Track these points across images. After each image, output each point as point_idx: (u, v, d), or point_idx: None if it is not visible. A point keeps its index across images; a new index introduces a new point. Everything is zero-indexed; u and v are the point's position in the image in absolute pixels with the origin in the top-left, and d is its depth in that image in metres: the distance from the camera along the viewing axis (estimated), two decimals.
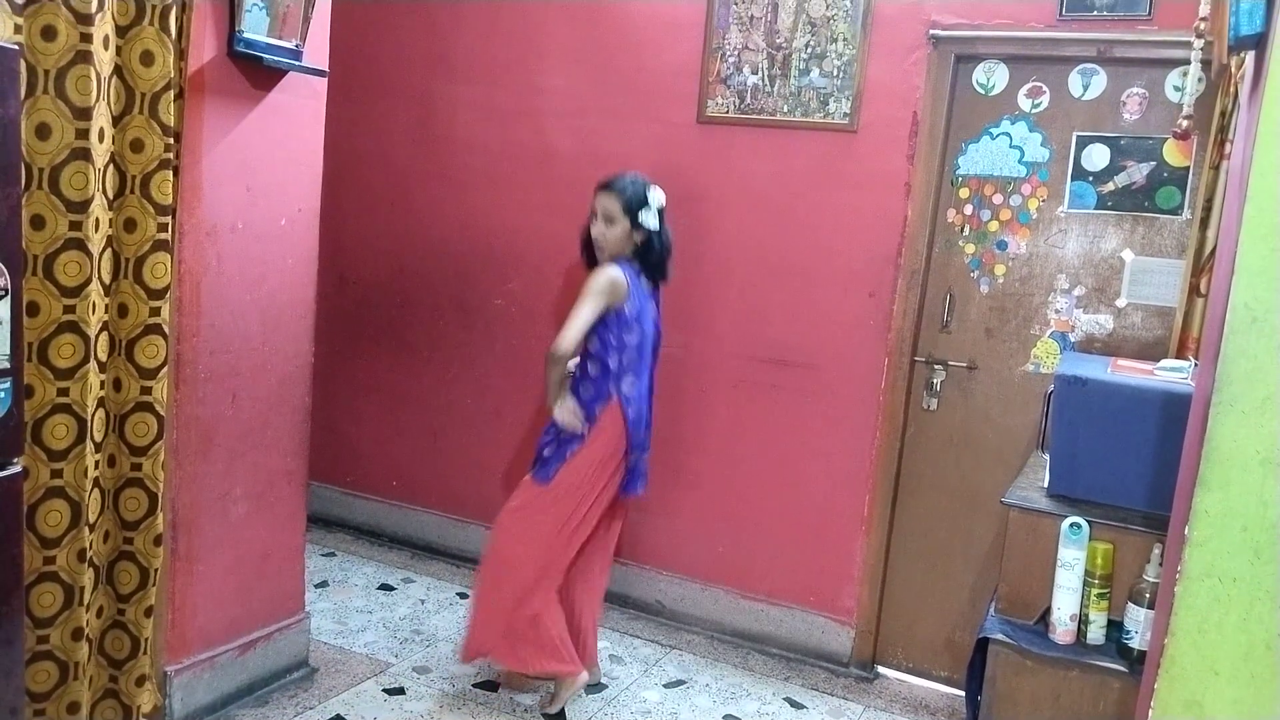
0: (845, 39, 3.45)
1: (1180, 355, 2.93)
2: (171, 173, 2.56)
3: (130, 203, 2.52)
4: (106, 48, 2.37)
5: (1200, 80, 2.93)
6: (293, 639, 3.24)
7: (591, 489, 3.06)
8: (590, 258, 3.11)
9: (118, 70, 2.44)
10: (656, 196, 3.01)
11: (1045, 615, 2.41)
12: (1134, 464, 2.39)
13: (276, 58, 2.76)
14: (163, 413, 2.64)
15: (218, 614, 2.96)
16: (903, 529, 3.60)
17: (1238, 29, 1.60)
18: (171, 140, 2.54)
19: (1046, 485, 2.54)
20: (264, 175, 2.87)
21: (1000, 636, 2.40)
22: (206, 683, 2.94)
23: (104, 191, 2.44)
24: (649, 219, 3.00)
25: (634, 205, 2.98)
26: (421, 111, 4.24)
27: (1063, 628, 2.35)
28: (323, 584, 3.98)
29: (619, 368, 3.00)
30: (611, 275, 2.96)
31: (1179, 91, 3.09)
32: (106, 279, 2.50)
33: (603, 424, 3.02)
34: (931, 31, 3.33)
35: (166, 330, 2.61)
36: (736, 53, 3.62)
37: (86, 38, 2.28)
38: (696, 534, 3.88)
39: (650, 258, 3.06)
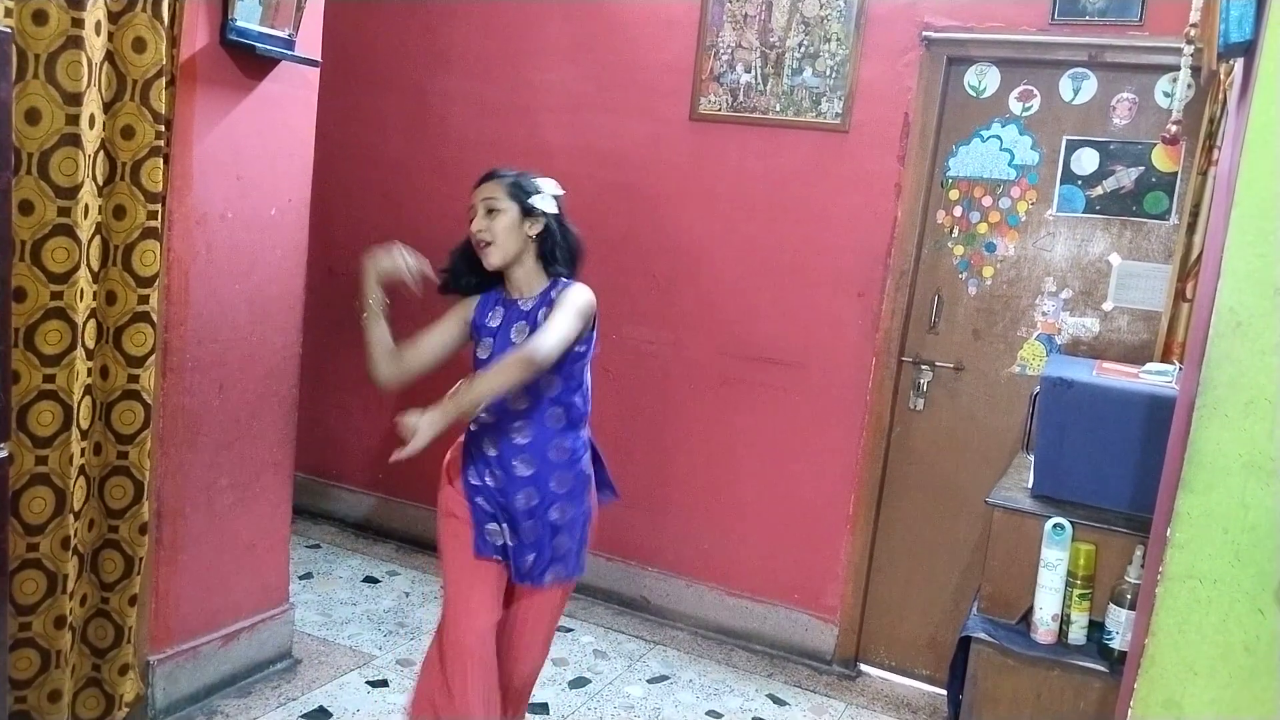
0: (838, 39, 3.46)
1: (1165, 359, 2.95)
2: (162, 160, 2.55)
3: (120, 190, 2.51)
4: (98, 33, 2.36)
5: (1190, 86, 2.95)
6: (276, 630, 3.23)
7: None
8: (464, 283, 2.46)
9: (109, 56, 2.43)
10: (548, 183, 2.44)
11: (1027, 615, 2.42)
12: (1117, 466, 2.40)
13: (269, 47, 2.75)
14: (150, 401, 2.63)
15: (201, 604, 2.96)
16: (887, 528, 3.62)
17: (1227, 36, 1.62)
18: (163, 128, 2.53)
19: (1030, 486, 2.56)
20: (254, 165, 2.86)
21: (982, 635, 2.41)
22: (189, 672, 2.93)
23: (94, 178, 2.42)
24: (544, 203, 2.39)
25: (522, 189, 2.37)
26: (414, 104, 4.24)
27: (1044, 627, 2.37)
28: (307, 576, 3.97)
29: (585, 406, 2.43)
30: (590, 296, 2.34)
31: (1168, 97, 3.11)
32: (95, 266, 2.49)
33: (589, 482, 2.48)
34: (924, 33, 3.34)
35: (155, 318, 2.60)
36: (730, 51, 3.62)
37: (78, 23, 2.27)
38: (682, 530, 3.88)
39: (552, 252, 2.39)
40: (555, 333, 2.21)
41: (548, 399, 2.34)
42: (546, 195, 2.41)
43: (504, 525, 2.38)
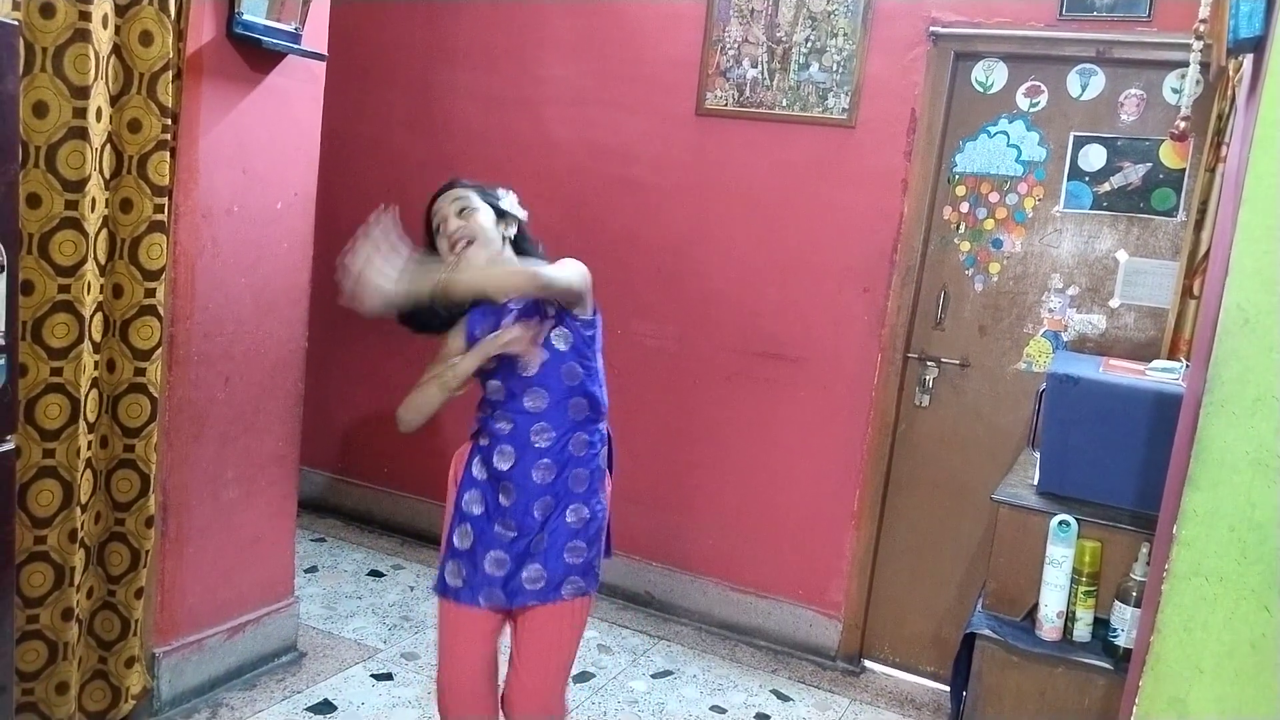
0: (845, 34, 3.45)
1: (1172, 356, 2.94)
2: (168, 154, 2.56)
3: (127, 183, 2.52)
4: (105, 26, 2.36)
5: (1198, 82, 2.93)
6: (281, 623, 3.24)
7: None
8: (437, 322, 2.25)
9: (116, 50, 2.44)
10: (509, 193, 2.29)
11: (1032, 612, 2.42)
12: (1123, 463, 2.40)
13: (275, 40, 2.75)
14: (156, 394, 2.63)
15: (207, 597, 2.96)
16: (892, 524, 3.62)
17: (1237, 31, 1.61)
18: (169, 121, 2.53)
19: (1036, 483, 2.56)
20: (260, 158, 2.86)
21: (987, 632, 2.41)
22: (195, 665, 2.94)
23: (101, 171, 2.43)
24: (512, 205, 2.25)
25: (489, 194, 2.25)
26: (419, 98, 4.23)
27: (1049, 624, 2.37)
28: (312, 569, 3.98)
29: (604, 396, 2.24)
30: (584, 266, 2.14)
31: (1177, 93, 3.10)
32: (102, 259, 2.49)
33: (607, 478, 2.31)
34: (931, 28, 3.33)
35: (161, 312, 2.61)
36: (736, 45, 3.62)
37: (85, 16, 2.27)
38: (686, 526, 3.88)
39: (529, 253, 2.27)
40: (562, 268, 2.06)
41: (569, 388, 2.16)
42: (513, 200, 2.26)
43: (507, 550, 2.18)
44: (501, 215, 2.23)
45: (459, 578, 2.23)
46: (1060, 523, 2.34)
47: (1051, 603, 2.36)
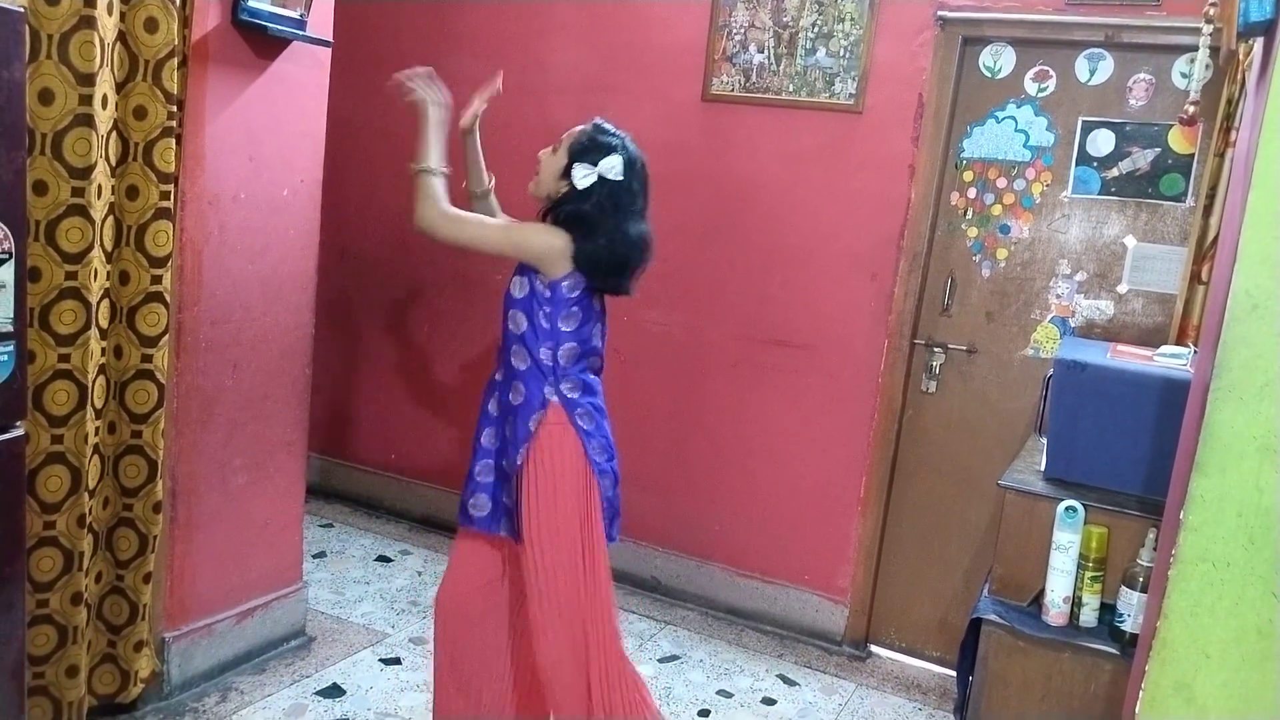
0: (852, 19, 3.44)
1: (1180, 342, 2.93)
2: (174, 141, 2.56)
3: (133, 170, 2.52)
4: (110, 13, 2.36)
5: (1208, 67, 2.91)
6: (290, 608, 3.26)
7: (583, 528, 2.35)
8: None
9: (121, 36, 2.43)
10: (610, 161, 2.31)
11: (1039, 597, 2.42)
12: (1131, 449, 2.39)
13: (280, 27, 2.75)
14: (163, 381, 2.64)
15: (216, 582, 2.98)
16: (898, 510, 3.62)
17: (1247, 15, 1.60)
18: (175, 108, 2.53)
19: (1043, 469, 2.55)
20: (266, 145, 2.86)
21: (993, 617, 2.41)
22: (204, 650, 2.96)
23: (106, 158, 2.43)
24: (579, 174, 2.30)
25: (583, 148, 2.33)
26: None
27: (1056, 610, 2.37)
28: (320, 554, 4.00)
29: (554, 364, 2.31)
30: (549, 237, 2.29)
31: (1186, 78, 3.08)
32: (108, 246, 2.50)
33: (543, 443, 2.30)
34: (939, 13, 3.32)
35: (168, 299, 2.61)
36: (742, 30, 3.60)
37: (90, 3, 2.27)
38: (692, 511, 3.89)
39: (559, 217, 2.33)
40: (475, 221, 2.37)
41: (513, 335, 2.35)
42: (593, 169, 2.30)
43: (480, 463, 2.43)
44: (567, 172, 2.34)
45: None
46: (1067, 508, 2.34)
47: (1058, 588, 2.36)
